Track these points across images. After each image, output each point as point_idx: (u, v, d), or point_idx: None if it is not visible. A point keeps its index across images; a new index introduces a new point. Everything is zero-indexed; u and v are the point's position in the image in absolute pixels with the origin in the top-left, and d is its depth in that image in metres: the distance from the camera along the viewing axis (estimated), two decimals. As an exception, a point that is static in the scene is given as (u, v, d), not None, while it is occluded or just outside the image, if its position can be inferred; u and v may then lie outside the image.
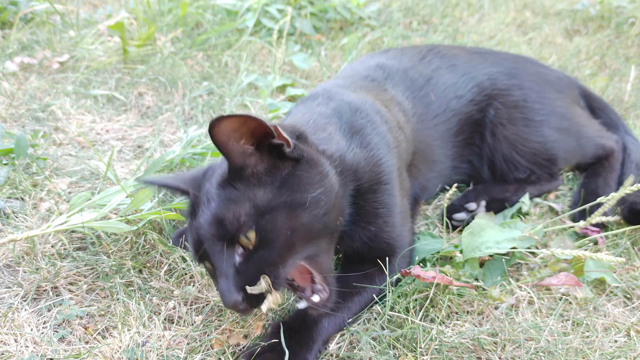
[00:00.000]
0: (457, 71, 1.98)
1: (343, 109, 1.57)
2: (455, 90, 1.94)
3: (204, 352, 1.36)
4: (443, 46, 2.12)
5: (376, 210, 1.48)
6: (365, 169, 1.47)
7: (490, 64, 2.02)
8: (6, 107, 2.24)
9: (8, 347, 1.32)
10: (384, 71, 1.91)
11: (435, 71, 1.96)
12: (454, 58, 2.01)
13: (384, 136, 1.57)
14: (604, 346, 1.42)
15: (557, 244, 1.67)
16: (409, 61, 1.98)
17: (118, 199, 1.56)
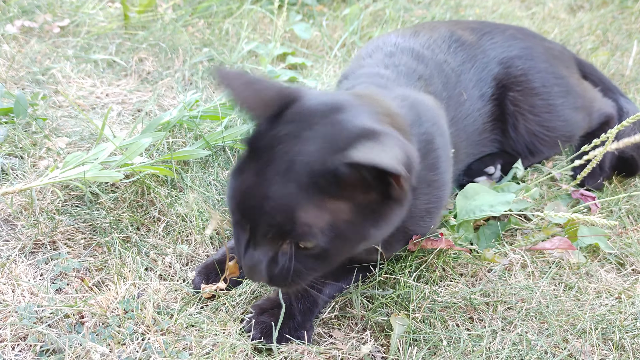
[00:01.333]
0: (478, 64, 1.84)
1: (422, 115, 1.41)
2: (480, 88, 1.82)
3: (199, 304, 1.38)
4: (459, 29, 1.93)
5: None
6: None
7: (501, 47, 1.89)
8: (6, 69, 2.24)
9: (5, 296, 1.34)
10: (426, 65, 1.72)
11: (462, 65, 1.82)
12: (472, 48, 1.86)
13: (448, 155, 1.48)
14: (595, 309, 1.44)
15: (551, 209, 1.68)
16: (440, 52, 1.80)
17: (109, 150, 1.58)
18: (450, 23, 2.03)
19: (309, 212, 1.02)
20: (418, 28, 1.91)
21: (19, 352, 1.23)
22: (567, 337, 1.36)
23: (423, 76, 1.66)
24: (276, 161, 1.05)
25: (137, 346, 1.24)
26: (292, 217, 1.02)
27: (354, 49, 2.75)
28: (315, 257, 1.09)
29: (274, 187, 1.03)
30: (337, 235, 1.05)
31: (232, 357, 1.24)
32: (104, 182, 1.65)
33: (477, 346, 1.32)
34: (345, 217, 1.05)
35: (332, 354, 1.29)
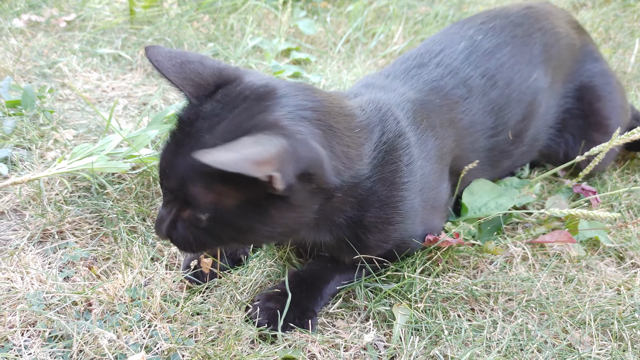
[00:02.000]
0: (552, 96, 1.79)
1: (388, 124, 1.41)
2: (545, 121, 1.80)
3: (206, 294, 1.41)
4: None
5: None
6: None
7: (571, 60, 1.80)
8: (13, 63, 2.27)
9: (14, 284, 1.37)
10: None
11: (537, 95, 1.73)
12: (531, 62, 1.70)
13: (419, 171, 1.47)
14: (594, 301, 1.46)
15: (552, 203, 1.70)
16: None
17: (116, 141, 1.60)
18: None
19: (196, 187, 1.08)
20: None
21: (28, 338, 1.25)
22: (566, 328, 1.38)
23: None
24: (191, 135, 1.12)
25: (144, 333, 1.27)
26: (184, 187, 1.09)
27: (357, 45, 2.78)
28: (204, 231, 1.15)
29: (179, 157, 1.11)
30: (220, 218, 1.11)
31: (237, 344, 1.26)
32: (111, 173, 1.68)
33: (478, 336, 1.34)
34: (231, 203, 1.09)
35: (336, 342, 1.31)
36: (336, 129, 1.19)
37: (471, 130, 1.55)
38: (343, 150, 1.19)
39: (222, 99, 1.16)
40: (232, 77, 1.20)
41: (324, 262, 1.44)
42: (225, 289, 1.41)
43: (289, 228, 1.19)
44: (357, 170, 1.23)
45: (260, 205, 1.10)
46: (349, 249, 1.37)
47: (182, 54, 1.21)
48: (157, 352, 1.24)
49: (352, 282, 1.45)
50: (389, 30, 2.88)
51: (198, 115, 1.14)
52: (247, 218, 1.12)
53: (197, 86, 1.18)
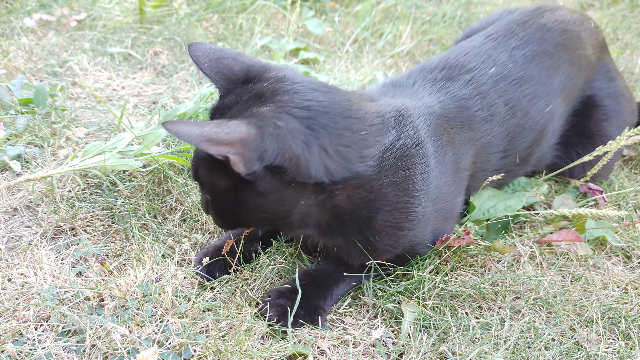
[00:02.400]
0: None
1: (405, 130, 1.45)
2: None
3: (216, 290, 1.42)
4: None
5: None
6: None
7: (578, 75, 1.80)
8: (25, 62, 2.29)
9: (28, 279, 1.39)
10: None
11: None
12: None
13: (434, 181, 1.51)
14: (601, 299, 1.47)
15: (559, 202, 1.71)
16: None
17: (128, 139, 1.62)
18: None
19: (201, 171, 1.26)
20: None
21: (42, 332, 1.27)
22: (573, 326, 1.39)
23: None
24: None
25: (155, 328, 1.28)
26: (197, 171, 1.28)
27: (365, 45, 2.79)
28: (215, 209, 1.32)
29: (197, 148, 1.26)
30: (216, 199, 1.29)
31: (248, 339, 1.27)
32: (122, 170, 1.70)
33: (486, 333, 1.35)
34: (222, 186, 1.24)
35: (345, 339, 1.33)
36: (332, 129, 1.22)
37: (486, 151, 1.59)
38: (338, 150, 1.22)
39: (238, 93, 1.28)
40: (256, 73, 1.30)
41: (335, 264, 1.46)
42: (236, 285, 1.43)
43: (269, 215, 1.27)
44: (357, 171, 1.26)
45: (238, 189, 1.22)
46: (358, 252, 1.39)
47: (220, 51, 1.34)
48: (169, 347, 1.25)
49: (361, 284, 1.47)
50: (397, 30, 2.89)
51: (219, 108, 1.29)
52: (233, 200, 1.25)
53: (227, 80, 1.31)
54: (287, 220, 1.29)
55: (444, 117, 1.49)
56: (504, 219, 1.63)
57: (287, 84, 1.24)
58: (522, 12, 1.84)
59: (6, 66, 2.19)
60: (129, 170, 1.68)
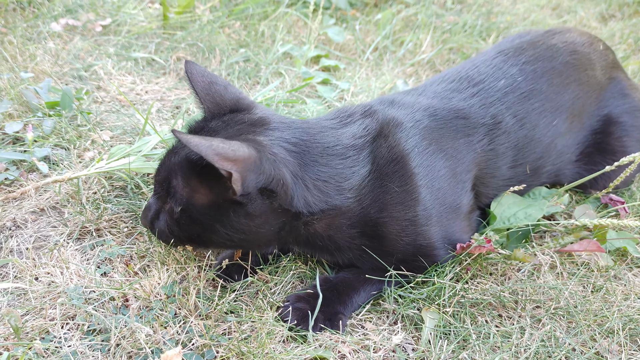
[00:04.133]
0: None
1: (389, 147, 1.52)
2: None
3: (238, 292, 1.44)
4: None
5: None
6: None
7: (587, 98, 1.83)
8: (51, 65, 2.33)
9: (55, 278, 1.41)
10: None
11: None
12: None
13: (429, 196, 1.56)
14: (622, 310, 1.46)
15: (580, 212, 1.71)
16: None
17: (153, 142, 1.65)
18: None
19: (177, 180, 1.27)
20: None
21: (68, 331, 1.29)
22: (594, 336, 1.39)
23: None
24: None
25: (179, 329, 1.30)
26: (168, 180, 1.28)
27: (386, 53, 2.80)
28: (176, 223, 1.31)
29: (173, 156, 1.30)
30: (190, 212, 1.27)
31: (269, 342, 1.29)
32: (147, 173, 1.72)
33: (506, 342, 1.35)
34: (201, 201, 1.26)
35: (365, 344, 1.34)
36: (314, 165, 1.32)
37: (492, 158, 1.62)
38: (316, 185, 1.31)
39: (226, 120, 1.35)
40: (245, 107, 1.39)
41: (355, 272, 1.48)
42: (257, 288, 1.45)
43: (247, 236, 1.30)
44: (334, 204, 1.34)
45: (223, 208, 1.25)
46: (362, 258, 1.45)
47: (213, 76, 1.41)
48: (192, 347, 1.27)
49: (382, 292, 1.48)
50: (417, 39, 2.90)
51: (203, 128, 1.35)
52: (211, 217, 1.27)
53: (216, 105, 1.38)
54: (260, 242, 1.37)
55: (432, 129, 1.52)
56: (525, 227, 1.63)
57: (276, 121, 1.35)
58: (533, 35, 1.90)
59: (34, 69, 2.23)
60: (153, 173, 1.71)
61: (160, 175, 1.31)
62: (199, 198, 1.26)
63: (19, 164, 1.77)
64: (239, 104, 1.39)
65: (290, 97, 2.31)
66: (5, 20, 2.58)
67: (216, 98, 1.38)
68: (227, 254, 1.51)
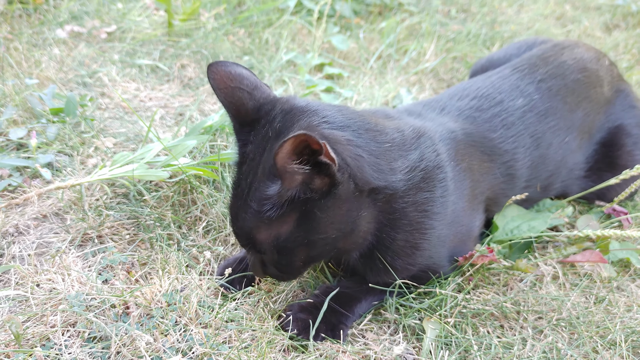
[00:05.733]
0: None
1: (425, 152, 1.49)
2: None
3: (239, 301, 1.44)
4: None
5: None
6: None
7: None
8: (56, 72, 2.34)
9: (56, 284, 1.41)
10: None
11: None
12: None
13: (451, 204, 1.55)
14: (625, 322, 1.46)
15: (583, 223, 1.70)
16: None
17: (156, 150, 1.65)
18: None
19: (260, 234, 1.22)
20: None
21: (68, 338, 1.29)
22: (596, 348, 1.38)
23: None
24: (241, 183, 1.25)
25: (179, 337, 1.30)
26: (250, 238, 1.24)
27: (390, 62, 2.81)
28: (279, 263, 1.28)
29: (240, 212, 1.24)
30: (281, 248, 1.23)
31: (270, 351, 1.28)
32: (149, 181, 1.73)
33: (508, 352, 1.35)
34: (286, 230, 1.21)
35: (366, 354, 1.33)
36: (362, 141, 1.25)
37: (508, 181, 1.62)
38: (373, 161, 1.26)
39: (257, 136, 1.26)
40: (268, 111, 1.28)
41: (357, 282, 1.47)
42: (259, 297, 1.44)
43: (340, 230, 1.24)
44: (389, 182, 1.28)
45: (309, 215, 1.19)
46: (377, 269, 1.41)
47: (239, 79, 1.29)
48: (192, 356, 1.27)
49: (384, 302, 1.47)
50: (421, 47, 2.91)
51: (245, 159, 1.27)
52: (303, 235, 1.21)
53: (238, 113, 1.30)
54: (350, 238, 1.30)
55: (465, 144, 1.51)
56: (528, 238, 1.63)
57: (311, 106, 1.26)
58: (542, 49, 1.90)
59: (38, 76, 2.24)
60: (156, 180, 1.71)
61: (243, 239, 1.27)
62: (284, 230, 1.21)
63: (23, 170, 1.77)
64: (261, 111, 1.29)
65: (293, 105, 2.31)
66: (11, 26, 2.59)
67: (239, 107, 1.29)
68: (229, 262, 1.51)
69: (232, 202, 1.28)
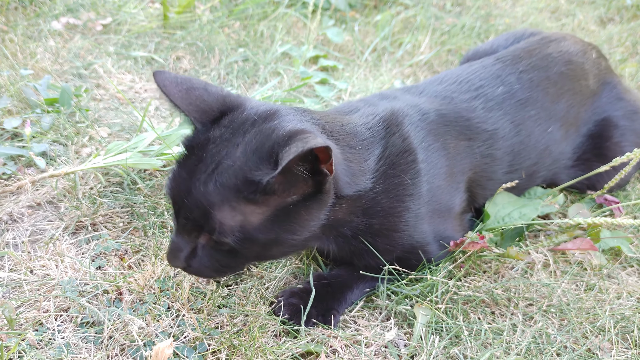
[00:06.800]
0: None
1: (393, 137, 1.52)
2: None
3: (232, 287, 1.45)
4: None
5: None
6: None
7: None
8: (51, 63, 2.35)
9: (50, 271, 1.42)
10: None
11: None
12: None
13: (424, 185, 1.57)
14: (615, 308, 1.47)
15: (574, 211, 1.72)
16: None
17: (150, 139, 1.66)
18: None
19: (223, 212, 1.12)
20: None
21: (61, 323, 1.30)
22: (586, 334, 1.40)
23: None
24: (205, 160, 1.16)
25: (171, 322, 1.31)
26: (207, 213, 1.12)
27: (384, 54, 2.82)
28: (228, 253, 1.19)
29: (197, 184, 1.14)
30: (246, 237, 1.14)
31: (261, 336, 1.29)
32: (143, 169, 1.73)
33: (498, 338, 1.36)
34: (257, 220, 1.14)
35: (357, 339, 1.34)
36: (342, 147, 1.29)
37: (490, 162, 1.63)
38: (348, 166, 1.29)
39: (230, 124, 1.22)
40: (235, 104, 1.27)
41: (349, 270, 1.48)
42: (251, 284, 1.45)
43: (311, 232, 1.25)
44: (360, 185, 1.32)
45: (290, 212, 1.17)
46: (361, 253, 1.43)
47: (188, 80, 1.26)
48: (184, 340, 1.28)
49: (375, 290, 1.48)
50: (416, 40, 2.91)
51: (208, 141, 1.20)
52: (274, 230, 1.17)
53: (201, 112, 1.25)
54: (311, 238, 1.30)
55: (438, 124, 1.53)
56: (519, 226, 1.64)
57: (283, 109, 1.26)
58: (529, 42, 1.91)
59: (33, 67, 2.25)
60: (150, 169, 1.72)
61: (193, 212, 1.14)
62: (253, 219, 1.14)
63: (17, 159, 1.78)
64: (226, 104, 1.27)
65: (288, 96, 2.32)
66: (6, 18, 2.60)
67: (200, 104, 1.25)
68: None
69: (182, 176, 1.18)
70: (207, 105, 1.25)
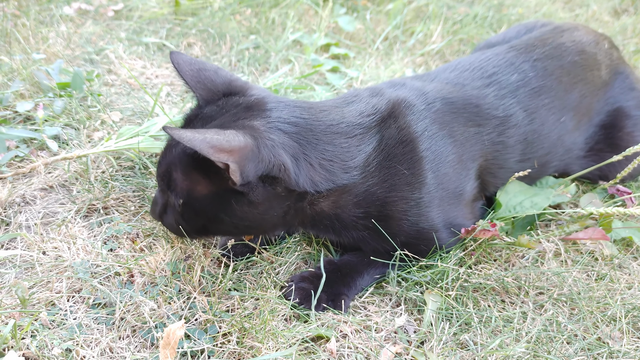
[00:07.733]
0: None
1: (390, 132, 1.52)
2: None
3: (242, 271, 1.45)
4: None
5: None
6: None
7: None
8: (63, 48, 2.35)
9: (62, 253, 1.43)
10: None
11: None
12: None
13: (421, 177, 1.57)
14: (625, 298, 1.46)
15: (586, 201, 1.71)
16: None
17: (161, 123, 1.67)
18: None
19: (177, 173, 1.25)
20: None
21: (73, 304, 1.31)
22: (596, 323, 1.39)
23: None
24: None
25: (182, 304, 1.32)
26: (169, 174, 1.27)
27: (396, 43, 2.80)
28: (180, 216, 1.30)
29: (172, 148, 1.27)
30: (192, 204, 1.27)
31: (272, 319, 1.30)
32: (154, 153, 1.74)
33: (508, 325, 1.36)
34: (202, 192, 1.25)
35: (367, 324, 1.35)
36: (317, 143, 1.30)
37: (501, 150, 1.62)
38: (322, 164, 1.30)
39: (221, 105, 1.33)
40: (239, 89, 1.38)
41: (359, 256, 1.48)
42: (262, 268, 1.46)
43: (252, 223, 1.30)
44: (342, 180, 1.33)
45: (225, 197, 1.24)
46: (365, 239, 1.45)
47: (201, 62, 1.39)
48: (195, 323, 1.28)
49: (385, 276, 1.48)
50: (428, 29, 2.90)
51: (197, 116, 1.33)
52: (214, 208, 1.26)
53: (208, 91, 1.37)
54: (266, 227, 1.36)
55: (444, 112, 1.52)
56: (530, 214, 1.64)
57: (273, 101, 1.32)
58: (541, 31, 1.91)
59: (45, 51, 2.25)
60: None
61: (161, 169, 1.29)
62: (199, 190, 1.25)
63: (29, 142, 1.79)
64: (231, 87, 1.38)
65: (299, 83, 2.31)
66: (19, 3, 2.61)
67: (207, 84, 1.36)
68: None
69: (169, 142, 1.31)
70: (213, 85, 1.37)
